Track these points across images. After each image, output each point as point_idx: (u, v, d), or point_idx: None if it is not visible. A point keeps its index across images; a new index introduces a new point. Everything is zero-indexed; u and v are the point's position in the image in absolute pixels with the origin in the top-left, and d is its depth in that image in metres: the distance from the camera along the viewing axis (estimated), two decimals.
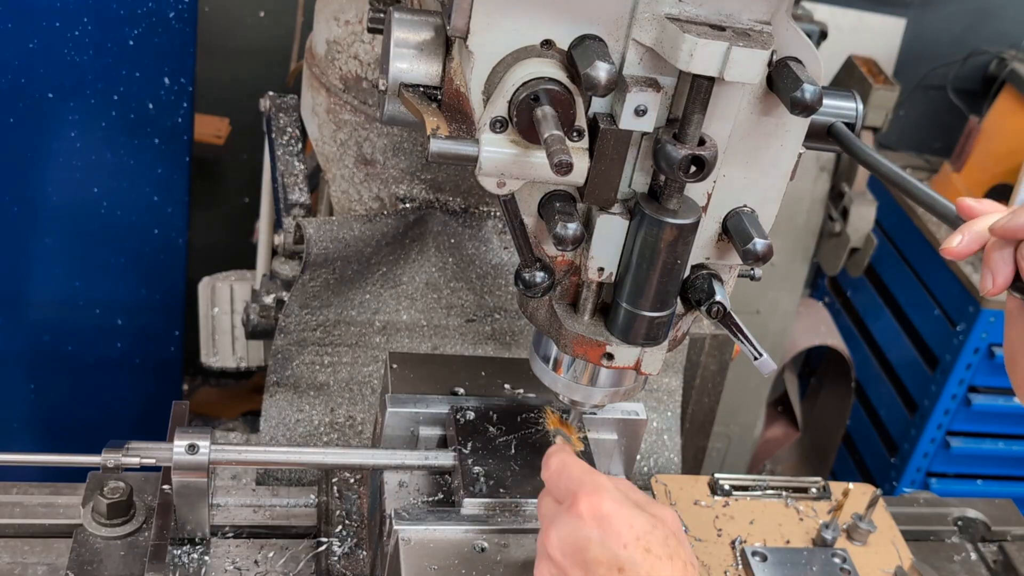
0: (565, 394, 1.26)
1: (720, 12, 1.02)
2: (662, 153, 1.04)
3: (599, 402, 1.26)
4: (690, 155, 1.03)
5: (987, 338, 3.04)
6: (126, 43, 2.39)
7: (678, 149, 1.02)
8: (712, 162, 1.04)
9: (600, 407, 1.30)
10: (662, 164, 1.04)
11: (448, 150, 1.03)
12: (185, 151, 2.58)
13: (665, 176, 1.08)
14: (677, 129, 1.04)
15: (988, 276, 1.07)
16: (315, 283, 1.67)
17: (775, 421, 3.64)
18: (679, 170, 1.03)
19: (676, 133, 1.04)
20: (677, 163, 1.03)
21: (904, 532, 1.66)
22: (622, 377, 1.24)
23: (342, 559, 1.46)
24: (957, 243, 1.08)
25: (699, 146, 1.03)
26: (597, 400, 1.26)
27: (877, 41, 3.51)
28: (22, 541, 1.47)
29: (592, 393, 1.25)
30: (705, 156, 1.03)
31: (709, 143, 1.04)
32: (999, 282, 1.07)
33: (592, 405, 1.27)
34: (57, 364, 2.76)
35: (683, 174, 1.03)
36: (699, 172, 1.04)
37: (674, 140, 1.03)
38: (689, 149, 1.03)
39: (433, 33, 1.11)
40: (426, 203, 1.72)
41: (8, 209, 2.52)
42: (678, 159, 1.02)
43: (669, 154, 1.03)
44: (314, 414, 1.74)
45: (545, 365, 1.26)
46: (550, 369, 1.25)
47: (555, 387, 1.26)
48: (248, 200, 3.35)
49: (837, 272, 3.24)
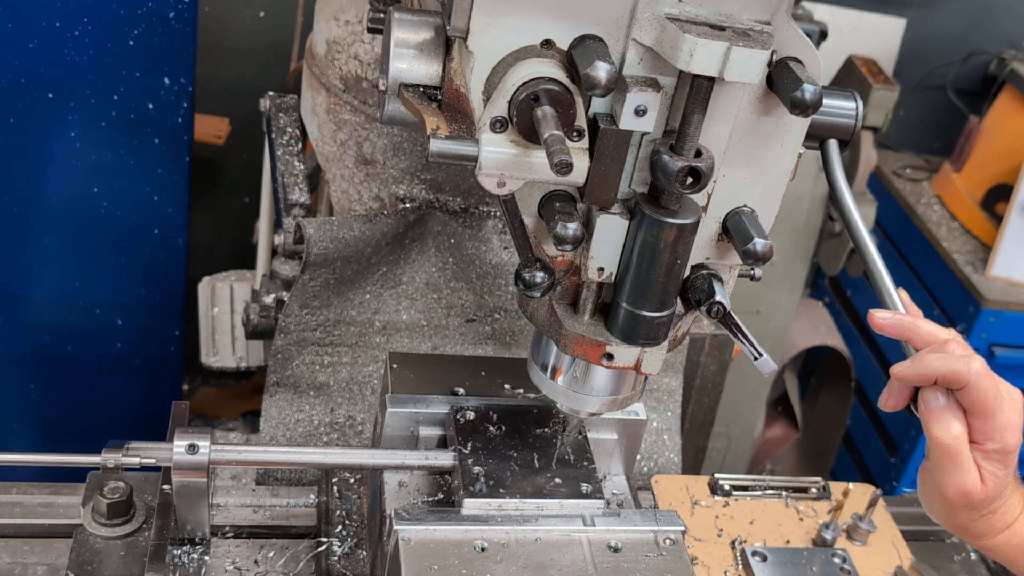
0: (563, 403, 1.27)
1: (720, 12, 1.02)
2: (659, 164, 1.04)
3: (596, 410, 1.27)
4: (687, 167, 1.03)
5: (987, 338, 3.04)
6: (126, 43, 2.39)
7: (675, 161, 1.03)
8: (708, 174, 1.05)
9: (597, 415, 1.30)
10: (659, 175, 1.05)
11: (448, 150, 1.03)
12: (185, 151, 2.58)
13: (662, 187, 1.08)
14: (674, 140, 1.04)
15: (885, 396, 1.20)
16: (315, 283, 1.67)
17: (775, 421, 3.64)
18: (676, 182, 1.04)
19: (673, 144, 1.04)
20: (674, 175, 1.04)
21: (904, 532, 1.66)
22: (620, 385, 1.25)
23: (342, 559, 1.46)
24: (885, 402, 1.20)
25: (696, 158, 1.04)
26: (594, 408, 1.26)
27: (877, 41, 3.51)
28: (22, 541, 1.47)
29: (589, 401, 1.25)
30: (701, 168, 1.04)
31: (706, 154, 1.05)
32: (891, 404, 1.20)
33: (589, 413, 1.28)
34: (57, 364, 2.76)
35: (680, 186, 1.04)
36: (696, 183, 1.05)
37: (671, 151, 1.04)
38: (686, 161, 1.03)
39: (433, 33, 1.11)
40: (426, 203, 1.72)
41: (8, 209, 2.52)
42: (675, 171, 1.03)
43: (666, 166, 1.04)
44: (314, 414, 1.74)
45: (543, 373, 1.27)
46: (548, 377, 1.26)
47: (553, 395, 1.27)
48: (248, 200, 3.35)
49: (837, 272, 3.24)
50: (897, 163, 3.64)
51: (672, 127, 1.07)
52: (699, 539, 1.58)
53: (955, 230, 3.31)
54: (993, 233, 3.16)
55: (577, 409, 1.27)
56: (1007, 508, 1.18)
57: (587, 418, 1.43)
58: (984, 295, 3.01)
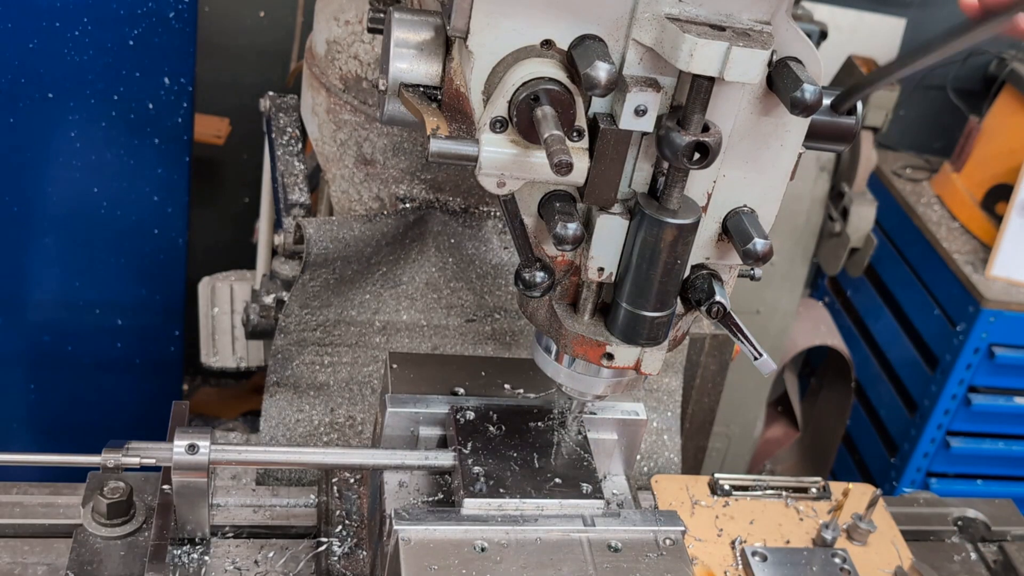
0: (569, 385, 1.26)
1: (720, 12, 1.02)
2: (666, 140, 1.02)
3: (602, 393, 1.26)
4: (694, 142, 1.01)
5: (987, 338, 3.04)
6: (126, 43, 2.39)
7: (682, 136, 1.01)
8: (716, 149, 1.02)
9: (603, 398, 1.29)
10: (666, 151, 1.03)
11: (448, 150, 1.03)
12: (185, 151, 2.58)
13: (669, 164, 1.07)
14: (681, 116, 1.02)
15: None
16: (315, 283, 1.67)
17: (775, 421, 3.64)
18: (683, 157, 1.02)
19: (680, 119, 1.02)
20: (681, 150, 1.01)
21: (904, 532, 1.66)
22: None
23: (342, 559, 1.46)
24: None
25: (703, 133, 1.02)
26: (600, 391, 1.25)
27: (877, 41, 3.51)
28: (22, 541, 1.47)
29: (595, 384, 1.24)
30: (709, 143, 1.02)
31: (713, 129, 1.03)
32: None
33: (595, 396, 1.27)
34: (57, 364, 2.76)
35: (687, 161, 1.02)
36: (703, 159, 1.02)
37: (678, 127, 1.02)
38: (693, 136, 1.01)
39: (433, 33, 1.11)
40: (426, 203, 1.72)
41: (8, 209, 2.52)
42: (682, 146, 1.01)
43: (673, 141, 1.02)
44: (314, 414, 1.74)
45: (549, 356, 1.26)
46: (553, 359, 1.25)
47: (557, 378, 1.26)
48: (248, 200, 3.35)
49: (837, 272, 3.24)
50: (897, 163, 3.64)
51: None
52: (699, 539, 1.58)
53: (955, 230, 3.31)
54: (993, 233, 3.16)
55: (584, 391, 1.27)
56: None
57: (589, 413, 1.43)
58: (984, 295, 3.01)
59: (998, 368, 3.08)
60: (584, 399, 1.30)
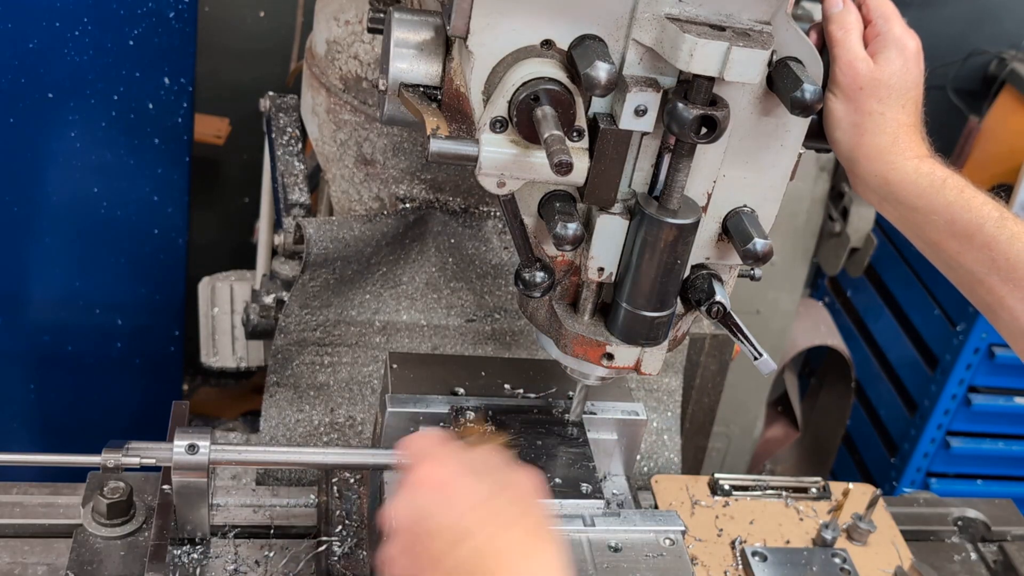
0: (572, 366, 1.26)
1: (720, 12, 1.02)
2: (673, 114, 1.01)
3: (605, 375, 1.26)
4: (701, 115, 1.00)
5: (987, 338, 3.04)
6: (126, 43, 2.38)
7: (689, 109, 1.00)
8: (724, 122, 1.01)
9: (606, 380, 1.29)
10: (672, 126, 1.01)
11: (448, 150, 1.03)
12: (185, 151, 2.58)
13: (676, 138, 1.05)
14: (687, 89, 1.01)
15: None
16: (315, 283, 1.67)
17: (775, 421, 3.63)
18: (690, 131, 1.00)
19: (687, 92, 1.01)
20: (688, 123, 1.00)
21: (904, 532, 1.66)
22: None
23: (342, 559, 1.46)
24: None
25: (710, 106, 1.01)
26: (603, 372, 1.25)
27: None
28: (22, 541, 1.47)
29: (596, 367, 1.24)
30: (717, 116, 1.00)
31: (721, 103, 1.02)
32: None
33: (598, 377, 1.27)
34: (57, 364, 2.76)
35: (694, 135, 1.01)
36: (710, 133, 1.01)
37: (685, 100, 1.01)
38: (700, 109, 1.00)
39: (433, 33, 1.11)
40: (426, 203, 1.72)
41: (8, 209, 2.52)
42: (688, 119, 1.00)
43: (680, 115, 1.00)
44: (314, 414, 1.74)
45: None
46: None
47: (562, 359, 1.26)
48: (248, 200, 3.34)
49: (837, 272, 3.24)
50: None
51: None
52: (699, 539, 1.58)
53: None
54: None
55: (586, 373, 1.27)
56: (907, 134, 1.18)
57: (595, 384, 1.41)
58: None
59: (998, 368, 3.08)
60: (587, 381, 1.29)
